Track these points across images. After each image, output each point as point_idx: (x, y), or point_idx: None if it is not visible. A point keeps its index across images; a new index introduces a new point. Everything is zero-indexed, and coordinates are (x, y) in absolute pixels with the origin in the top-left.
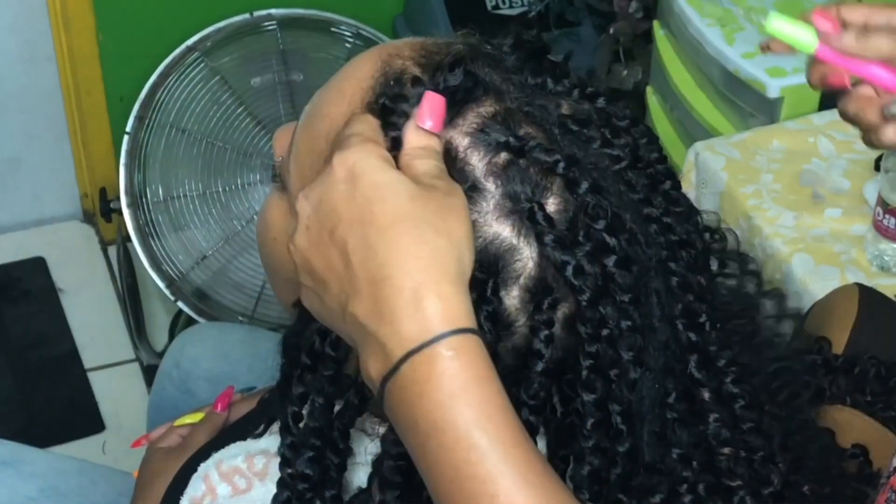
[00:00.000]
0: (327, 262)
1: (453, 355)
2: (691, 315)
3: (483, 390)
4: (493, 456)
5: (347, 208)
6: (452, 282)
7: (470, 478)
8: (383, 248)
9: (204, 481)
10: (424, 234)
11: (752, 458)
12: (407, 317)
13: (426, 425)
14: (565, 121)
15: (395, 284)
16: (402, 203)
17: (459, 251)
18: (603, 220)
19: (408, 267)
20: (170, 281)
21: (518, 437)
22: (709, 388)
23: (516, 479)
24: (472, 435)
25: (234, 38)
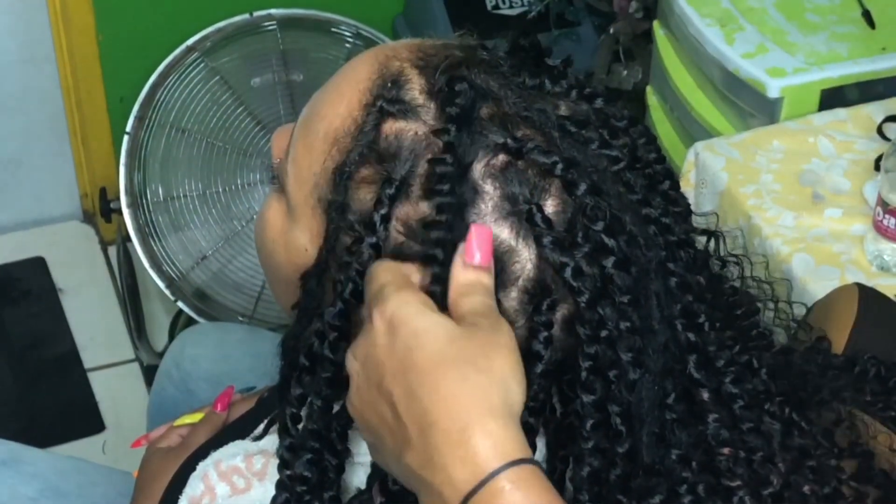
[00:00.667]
0: (380, 417)
1: (512, 488)
2: (690, 315)
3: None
4: None
5: (390, 359)
6: (498, 416)
7: None
8: (425, 393)
9: (203, 481)
10: (465, 373)
11: (751, 458)
12: (458, 461)
13: None
14: (563, 122)
15: (441, 429)
16: (440, 346)
17: (505, 385)
18: (601, 222)
19: (451, 409)
20: (170, 281)
21: None
22: (708, 388)
23: None
24: None
25: (234, 38)
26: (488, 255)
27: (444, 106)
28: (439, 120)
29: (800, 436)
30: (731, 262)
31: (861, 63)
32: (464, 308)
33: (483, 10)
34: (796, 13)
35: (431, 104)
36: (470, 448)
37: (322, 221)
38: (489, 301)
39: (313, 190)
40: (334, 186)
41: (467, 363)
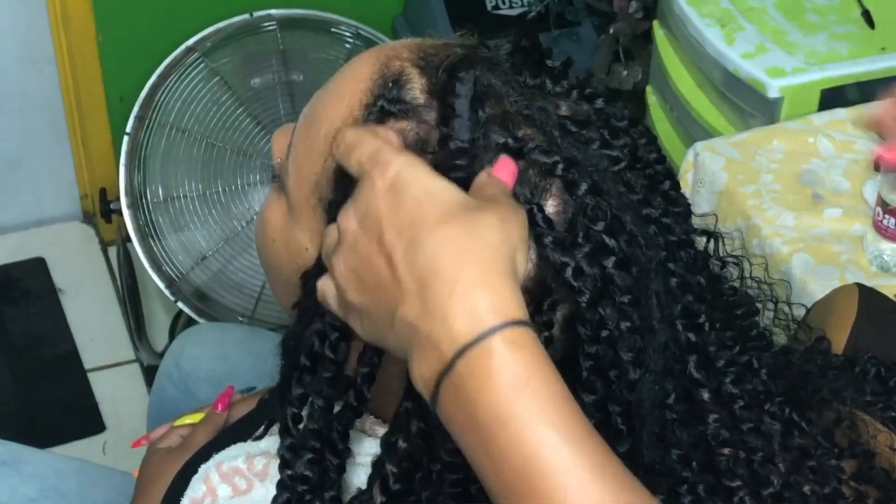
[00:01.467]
0: (376, 274)
1: (511, 348)
2: (690, 316)
3: (546, 380)
4: (564, 450)
5: (395, 215)
6: (504, 275)
7: (540, 473)
8: (433, 244)
9: (204, 482)
10: (477, 230)
11: (751, 458)
12: (459, 312)
13: (488, 421)
14: (564, 122)
15: (445, 280)
16: (455, 203)
17: (513, 249)
18: (602, 222)
19: (458, 261)
20: (170, 281)
21: (585, 427)
22: (708, 388)
23: (589, 471)
24: (540, 428)
25: (234, 39)
26: (511, 181)
27: (444, 102)
28: (440, 117)
29: (800, 436)
30: (731, 262)
31: (861, 63)
32: (485, 192)
33: (483, 10)
34: (796, 13)
35: (433, 104)
36: (472, 301)
37: (323, 221)
38: (509, 193)
39: (314, 190)
40: (335, 186)
41: (479, 222)
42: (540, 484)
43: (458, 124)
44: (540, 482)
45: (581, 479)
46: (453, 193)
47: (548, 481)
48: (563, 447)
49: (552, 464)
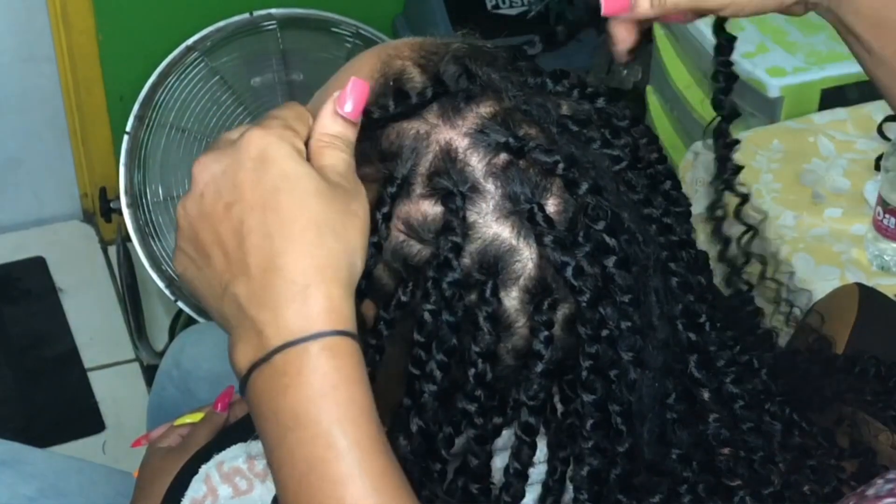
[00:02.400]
0: (216, 237)
1: (329, 355)
2: (691, 315)
3: (351, 392)
4: (348, 458)
5: (251, 189)
6: (342, 286)
7: (322, 476)
8: (281, 240)
9: (205, 482)
10: (324, 236)
11: (751, 458)
12: (292, 310)
13: (287, 418)
14: (565, 121)
15: (286, 277)
16: (307, 199)
17: (353, 258)
18: (603, 221)
19: (302, 264)
20: (170, 280)
21: (378, 445)
22: (708, 388)
23: (367, 485)
24: (333, 434)
25: (234, 38)
26: (359, 109)
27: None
28: (441, 117)
29: (800, 435)
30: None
31: None
32: (325, 161)
33: (483, 9)
34: None
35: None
36: (307, 303)
37: None
38: (350, 160)
39: None
40: None
41: (328, 227)
42: (318, 489)
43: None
44: (318, 487)
45: (360, 490)
46: (309, 185)
47: (326, 487)
48: (349, 457)
49: (334, 471)
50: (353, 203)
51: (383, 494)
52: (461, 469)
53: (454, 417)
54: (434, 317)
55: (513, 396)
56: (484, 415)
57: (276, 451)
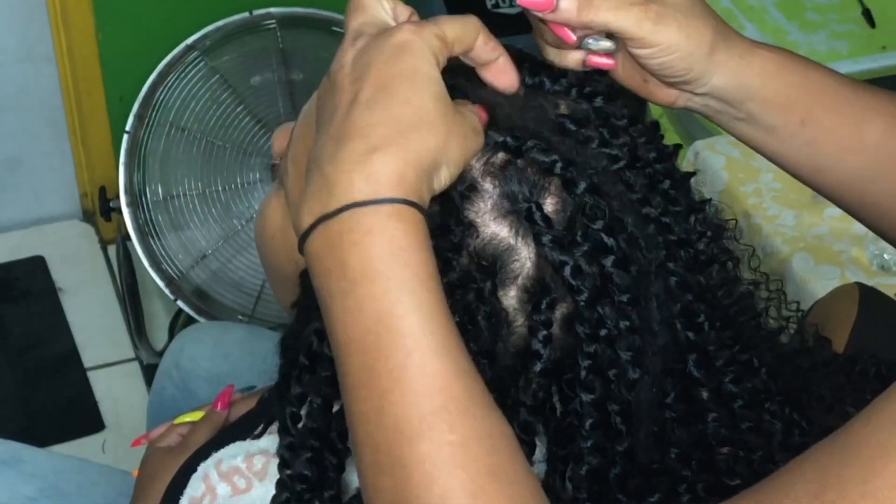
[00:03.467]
0: (334, 106)
1: (399, 219)
2: (690, 315)
3: (420, 256)
4: (417, 315)
5: (378, 70)
6: (422, 172)
7: (390, 328)
8: (386, 117)
9: (203, 481)
10: (426, 130)
11: (751, 457)
12: (366, 172)
13: (355, 273)
14: (563, 120)
15: (370, 143)
16: (425, 98)
17: (442, 163)
18: (601, 221)
19: (390, 139)
20: (169, 280)
21: (444, 310)
22: (707, 387)
23: (435, 343)
24: (402, 291)
25: (234, 37)
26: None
27: None
28: None
29: (800, 435)
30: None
31: (861, 61)
32: (465, 103)
33: (483, 9)
34: (796, 12)
35: None
36: (381, 170)
37: None
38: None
39: None
40: None
41: (435, 129)
42: (387, 341)
43: None
44: (387, 339)
45: (426, 348)
46: (433, 90)
47: (395, 340)
48: (418, 315)
49: (403, 326)
50: (470, 135)
51: (447, 352)
52: None
53: None
54: None
55: (511, 396)
56: None
57: (338, 307)
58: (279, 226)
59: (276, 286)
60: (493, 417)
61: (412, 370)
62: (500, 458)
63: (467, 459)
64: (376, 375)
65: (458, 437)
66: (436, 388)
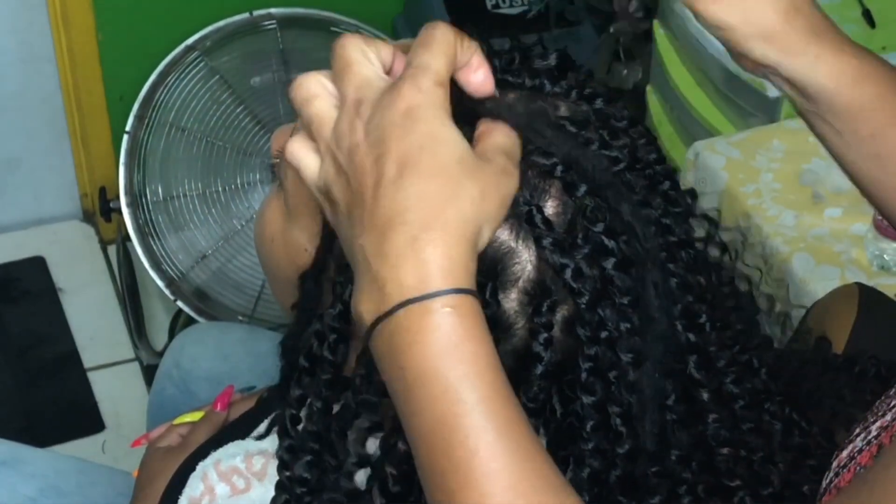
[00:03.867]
0: (360, 186)
1: (450, 312)
2: (691, 316)
3: (476, 348)
4: (477, 412)
5: (399, 142)
6: (466, 246)
7: (453, 430)
8: (415, 193)
9: (202, 481)
10: (459, 198)
11: (751, 458)
12: (411, 266)
13: (413, 374)
14: (563, 123)
15: (410, 231)
16: (449, 162)
17: (482, 225)
18: (601, 223)
19: (429, 219)
20: (169, 280)
21: (505, 398)
22: (708, 388)
23: (498, 437)
24: (460, 389)
25: (234, 38)
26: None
27: None
28: None
29: (800, 435)
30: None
31: None
32: (494, 140)
33: (483, 9)
34: None
35: None
36: (427, 260)
37: (321, 222)
38: (517, 151)
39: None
40: None
41: (465, 191)
42: (450, 442)
43: None
44: (450, 440)
45: (489, 446)
46: (456, 148)
47: (458, 440)
48: (477, 411)
49: (464, 424)
50: (503, 181)
51: (515, 446)
52: None
53: None
54: None
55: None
56: None
57: (405, 405)
58: (279, 228)
59: (275, 288)
60: (561, 500)
61: (477, 470)
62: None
63: None
64: (444, 475)
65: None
66: (502, 487)
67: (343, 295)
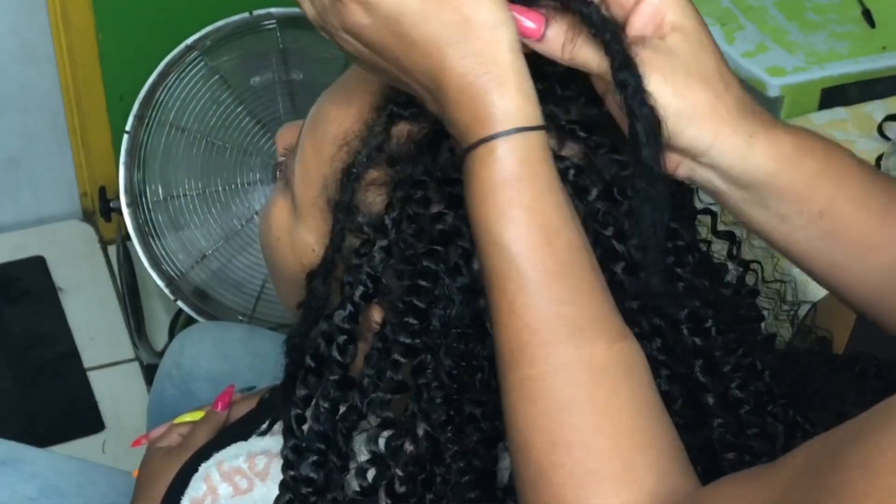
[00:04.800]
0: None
1: (519, 150)
2: (697, 320)
3: (537, 178)
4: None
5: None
6: (521, 72)
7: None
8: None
9: (205, 481)
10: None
11: (755, 462)
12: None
13: (479, 197)
14: (573, 126)
15: (465, 82)
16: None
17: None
18: (611, 227)
19: (476, 64)
20: (169, 280)
21: (564, 220)
22: (713, 393)
23: (552, 267)
24: (514, 214)
25: (234, 37)
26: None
27: None
28: None
29: (803, 437)
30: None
31: (861, 62)
32: None
33: None
34: (796, 12)
35: None
36: (500, 100)
37: (329, 222)
38: None
39: (322, 191)
40: (342, 188)
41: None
42: (501, 267)
43: None
44: (501, 267)
45: (540, 274)
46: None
47: (506, 267)
48: (532, 237)
49: (514, 261)
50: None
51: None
52: (466, 472)
53: (460, 422)
54: (442, 322)
55: None
56: (490, 418)
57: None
58: (286, 227)
59: (281, 287)
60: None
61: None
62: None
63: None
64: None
65: (537, 371)
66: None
67: (353, 296)
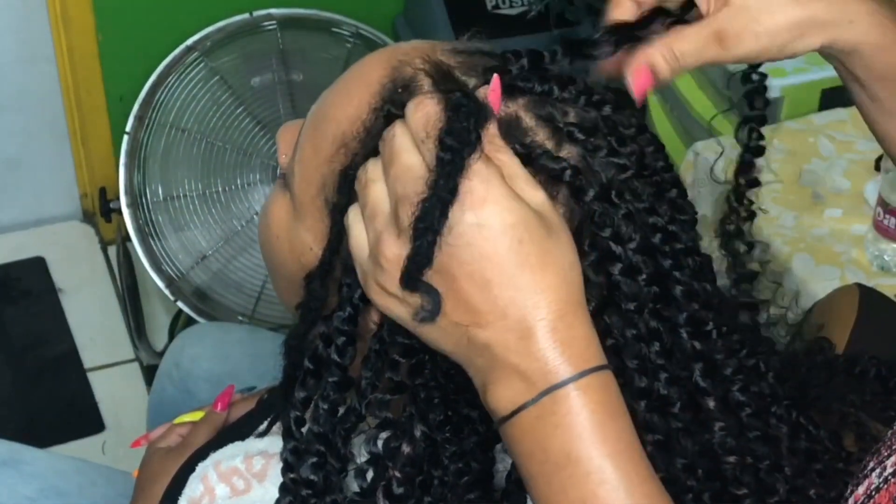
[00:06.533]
0: (468, 297)
1: (593, 391)
2: (697, 323)
3: (617, 425)
4: (621, 490)
5: (483, 249)
6: (586, 316)
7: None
8: (535, 287)
9: (202, 482)
10: (571, 274)
11: (758, 466)
12: (553, 353)
13: (558, 457)
14: (572, 129)
15: (551, 324)
16: (558, 249)
17: (577, 277)
18: (609, 229)
19: (564, 305)
20: (170, 281)
21: (644, 472)
22: (714, 396)
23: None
24: (604, 469)
25: (234, 38)
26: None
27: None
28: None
29: (807, 439)
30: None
31: None
32: (536, 198)
33: (483, 9)
34: None
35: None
36: (569, 346)
37: (328, 222)
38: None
39: (320, 191)
40: (340, 188)
41: (571, 255)
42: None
43: None
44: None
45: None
46: (538, 232)
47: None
48: (620, 490)
49: (609, 501)
50: (558, 222)
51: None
52: (463, 474)
53: (458, 423)
54: None
55: None
56: (487, 421)
57: (544, 488)
58: (285, 225)
59: (279, 287)
60: None
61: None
62: None
63: None
64: None
65: None
66: None
67: (352, 297)
